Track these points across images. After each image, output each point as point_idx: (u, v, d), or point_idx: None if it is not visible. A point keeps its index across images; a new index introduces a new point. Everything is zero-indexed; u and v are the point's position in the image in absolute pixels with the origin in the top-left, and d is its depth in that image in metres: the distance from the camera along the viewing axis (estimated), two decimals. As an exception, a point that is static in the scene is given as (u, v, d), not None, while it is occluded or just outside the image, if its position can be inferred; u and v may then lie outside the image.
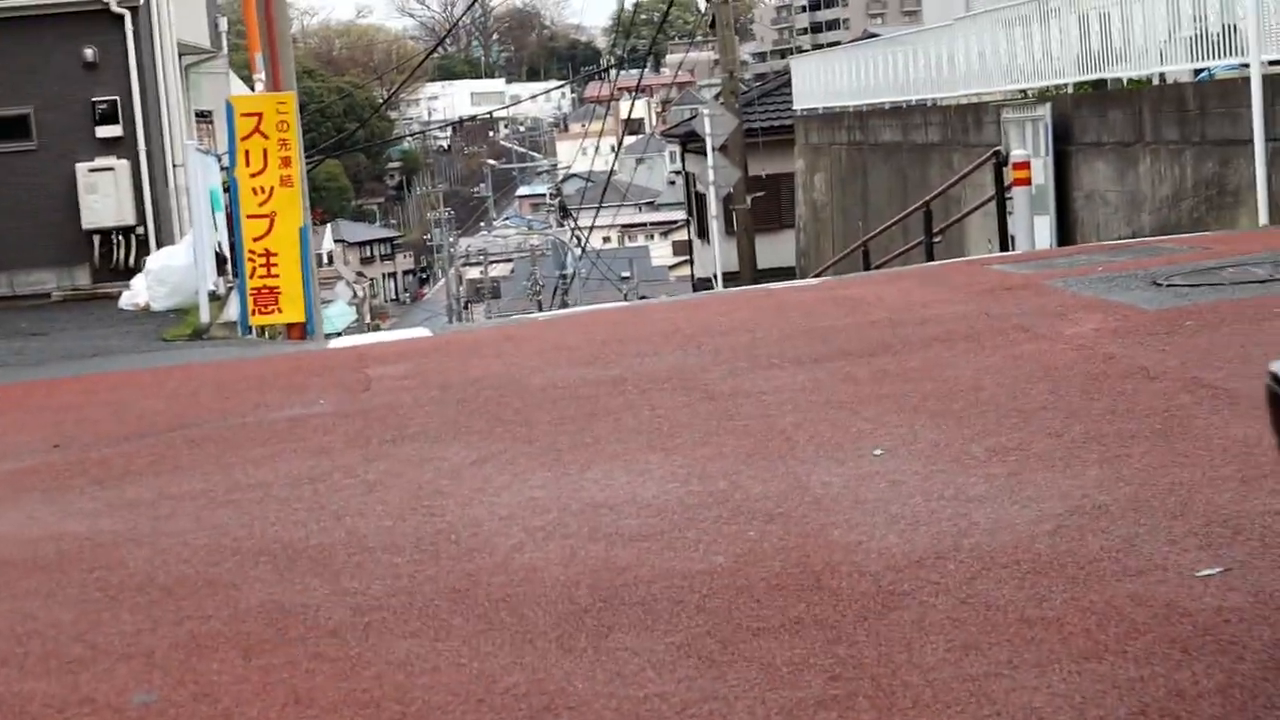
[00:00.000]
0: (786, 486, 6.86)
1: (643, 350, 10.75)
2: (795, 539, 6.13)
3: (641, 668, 5.00)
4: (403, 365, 11.42)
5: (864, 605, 5.37)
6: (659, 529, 6.43)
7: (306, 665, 5.24)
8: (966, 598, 5.34)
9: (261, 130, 16.79)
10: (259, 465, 8.24)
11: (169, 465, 8.51)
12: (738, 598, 5.54)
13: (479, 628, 5.47)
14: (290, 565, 6.38)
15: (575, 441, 8.04)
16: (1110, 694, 4.53)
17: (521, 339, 12.30)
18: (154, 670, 5.31)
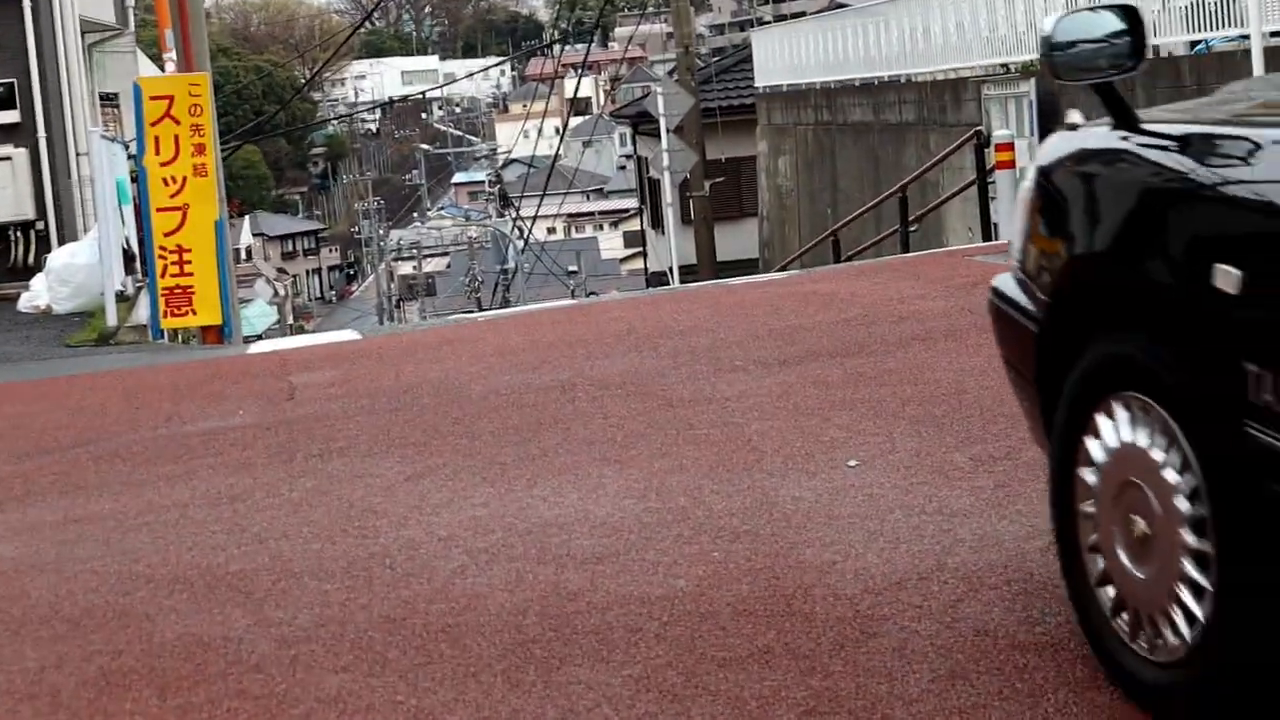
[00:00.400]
0: (753, 502, 6.83)
1: (593, 353, 10.75)
2: (764, 559, 6.10)
3: (596, 703, 4.98)
4: (330, 371, 11.40)
5: (840, 632, 5.35)
6: (614, 550, 6.39)
7: (228, 704, 5.20)
8: (952, 622, 5.33)
9: (172, 115, 16.77)
10: (173, 483, 8.20)
11: (75, 484, 8.48)
12: (701, 625, 5.50)
13: (417, 660, 5.43)
14: (209, 594, 6.32)
15: (521, 454, 8.01)
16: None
17: (460, 341, 12.29)
18: (60, 711, 5.27)
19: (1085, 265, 5.39)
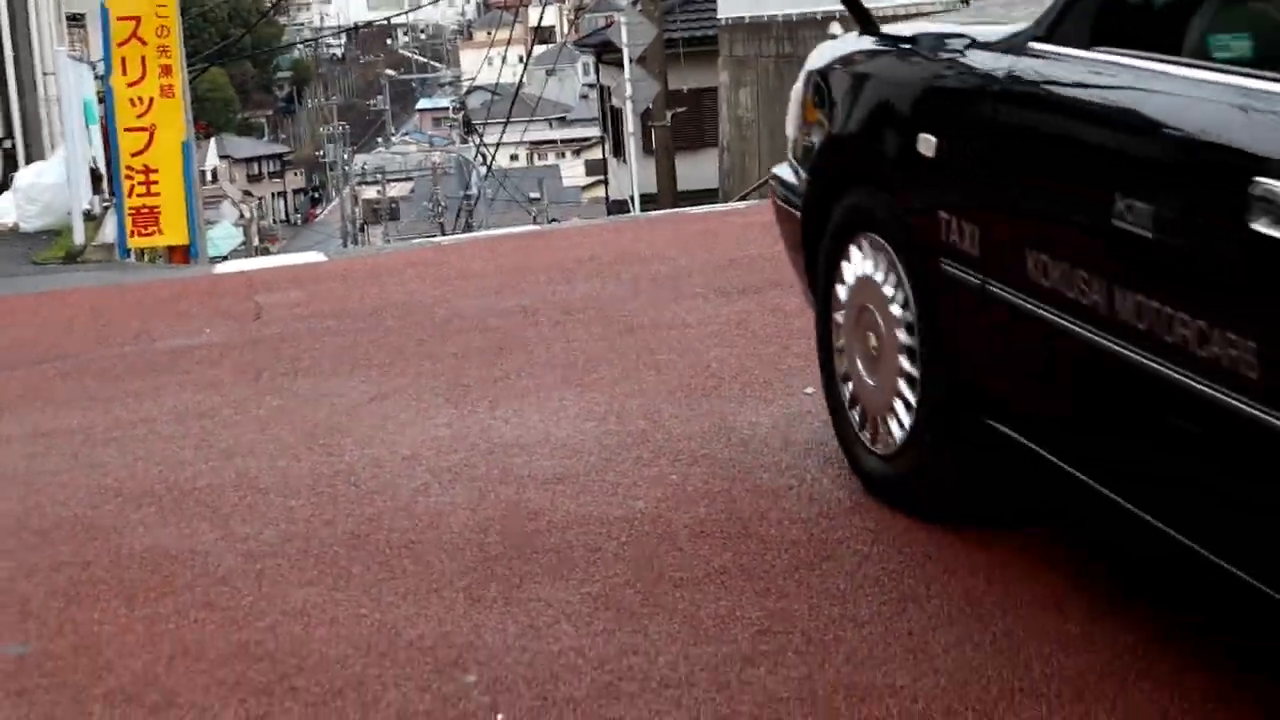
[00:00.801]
0: (711, 426, 6.87)
1: (555, 278, 10.75)
2: (721, 483, 6.16)
3: (556, 619, 5.03)
4: (295, 292, 11.38)
5: (795, 555, 5.41)
6: (574, 471, 6.43)
7: (195, 615, 5.24)
8: (904, 546, 5.39)
9: (139, 35, 16.71)
10: (141, 400, 8.20)
11: (42, 399, 8.47)
12: (659, 545, 5.57)
13: (380, 576, 5.47)
14: (176, 508, 6.35)
15: (484, 376, 8.03)
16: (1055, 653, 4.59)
17: (424, 265, 12.25)
18: (29, 620, 5.31)
19: (838, 141, 6.67)
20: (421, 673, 4.72)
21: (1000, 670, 4.52)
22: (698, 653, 4.74)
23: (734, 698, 4.46)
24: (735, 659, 4.69)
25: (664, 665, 4.68)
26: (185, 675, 4.82)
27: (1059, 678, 4.46)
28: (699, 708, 4.41)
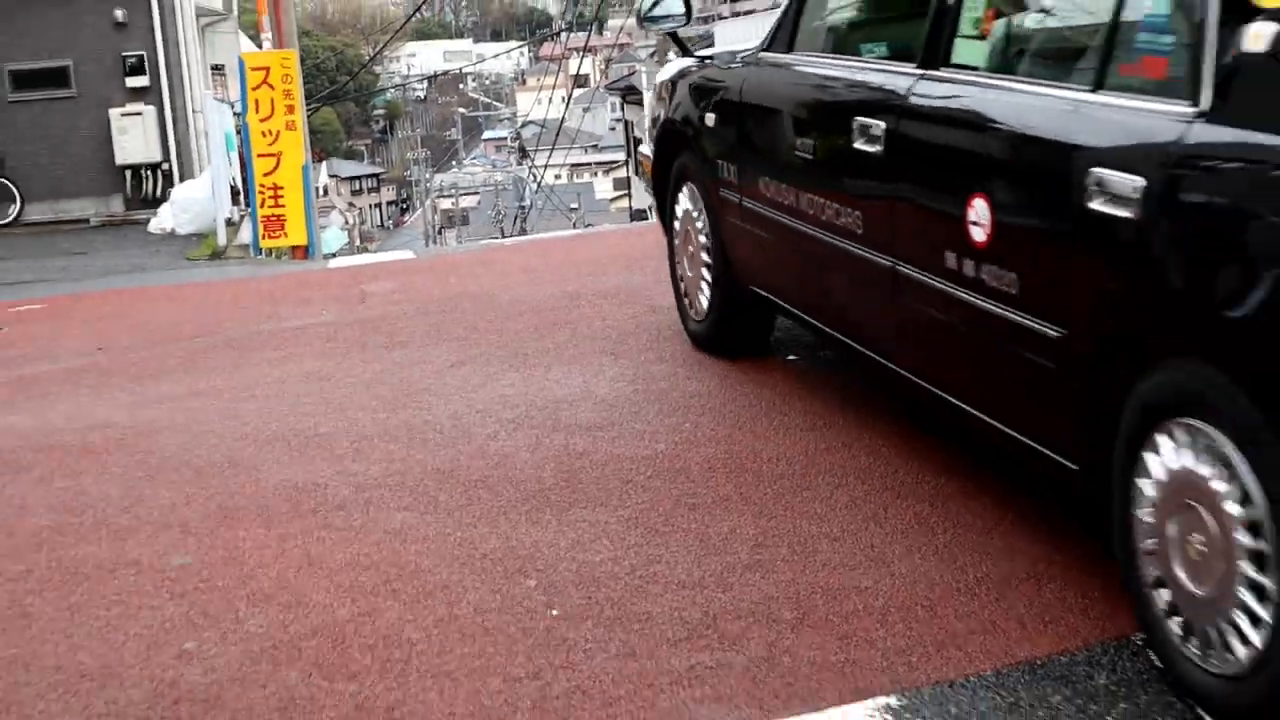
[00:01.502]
0: (716, 385, 6.89)
1: (592, 271, 10.72)
2: (725, 430, 6.19)
3: (597, 536, 5.07)
4: (391, 282, 11.39)
5: (781, 485, 5.45)
6: (611, 421, 6.45)
7: (317, 534, 5.30)
8: (867, 479, 5.42)
9: (269, 82, 16.76)
10: (273, 366, 8.23)
11: (197, 366, 8.50)
12: (676, 478, 5.61)
13: (460, 503, 5.52)
14: (302, 450, 6.39)
15: (539, 348, 8.03)
16: (990, 558, 4.61)
17: (490, 261, 12.25)
18: (189, 538, 5.37)
19: (670, 123, 8.16)
20: (493, 578, 4.77)
21: (942, 574, 4.55)
22: (707, 562, 4.78)
23: (736, 597, 4.51)
24: (736, 567, 4.73)
25: (681, 571, 4.72)
26: (310, 581, 4.87)
27: (987, 580, 4.49)
28: (709, 604, 4.46)
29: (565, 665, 4.15)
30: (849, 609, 4.37)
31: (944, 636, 4.17)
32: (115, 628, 4.62)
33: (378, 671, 4.18)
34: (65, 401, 7.85)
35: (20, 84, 26.35)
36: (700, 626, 4.33)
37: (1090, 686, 3.86)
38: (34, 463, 6.55)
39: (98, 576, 5.04)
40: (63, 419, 7.41)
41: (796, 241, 6.37)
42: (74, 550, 5.32)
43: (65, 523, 5.65)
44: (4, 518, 5.78)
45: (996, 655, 4.05)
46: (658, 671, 4.08)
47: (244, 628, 4.54)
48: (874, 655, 4.09)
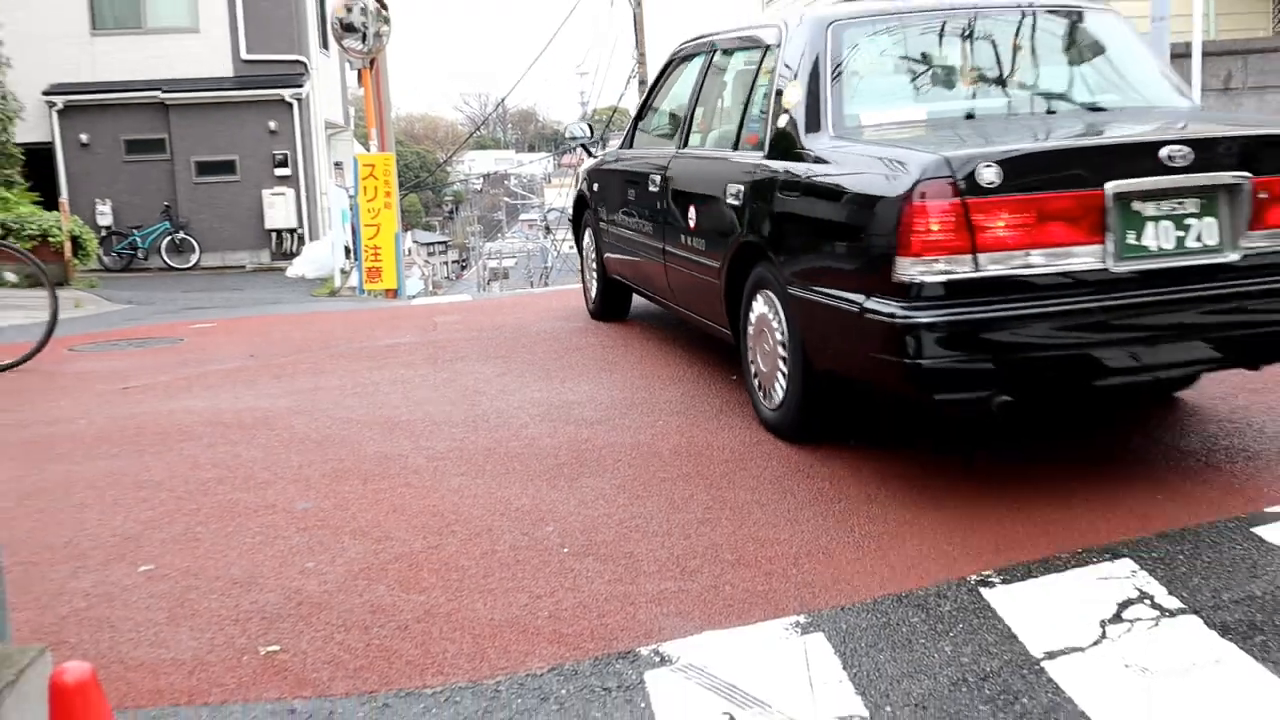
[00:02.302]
0: (684, 395, 6.85)
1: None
2: (689, 427, 6.15)
3: (596, 498, 5.06)
4: (455, 316, 11.36)
5: (727, 466, 5.43)
6: (607, 418, 6.42)
7: (400, 489, 5.29)
8: (786, 462, 5.41)
9: (374, 175, 16.73)
10: (370, 372, 8.20)
11: (317, 369, 8.47)
12: (652, 459, 5.59)
13: (501, 471, 5.50)
14: (390, 431, 6.37)
15: (558, 365, 7.98)
16: (873, 521, 4.60)
17: (524, 304, 12.17)
18: (310, 490, 5.37)
19: (579, 191, 9.84)
20: (522, 525, 4.77)
21: (837, 531, 4.54)
22: (674, 517, 4.77)
23: (693, 543, 4.50)
24: (694, 521, 4.72)
25: (654, 523, 4.71)
26: (394, 522, 4.86)
27: (869, 536, 4.48)
28: (674, 547, 4.45)
29: (572, 588, 4.15)
30: (771, 554, 4.36)
31: (838, 575, 4.17)
32: (258, 550, 4.62)
33: (440, 588, 4.18)
34: (226, 391, 7.84)
35: (202, 171, 26.61)
36: (668, 563, 4.32)
37: (938, 611, 3.85)
38: (204, 434, 6.55)
39: (246, 514, 5.05)
40: (224, 404, 7.40)
41: (627, 243, 8.33)
42: (230, 495, 5.33)
43: (224, 476, 5.66)
44: (182, 471, 5.78)
45: (874, 588, 4.04)
46: (638, 594, 4.08)
47: (347, 554, 4.54)
48: (788, 587, 4.09)
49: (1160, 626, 3.73)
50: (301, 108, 26.81)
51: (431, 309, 12.60)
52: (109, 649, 3.82)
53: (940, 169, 4.60)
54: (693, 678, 3.53)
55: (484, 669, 3.62)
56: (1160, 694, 3.35)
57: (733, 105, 6.98)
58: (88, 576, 4.42)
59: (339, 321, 11.85)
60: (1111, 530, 4.42)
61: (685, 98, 7.68)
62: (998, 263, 4.60)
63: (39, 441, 6.61)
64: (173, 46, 26.63)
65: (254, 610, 4.05)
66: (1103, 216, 4.66)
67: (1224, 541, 4.29)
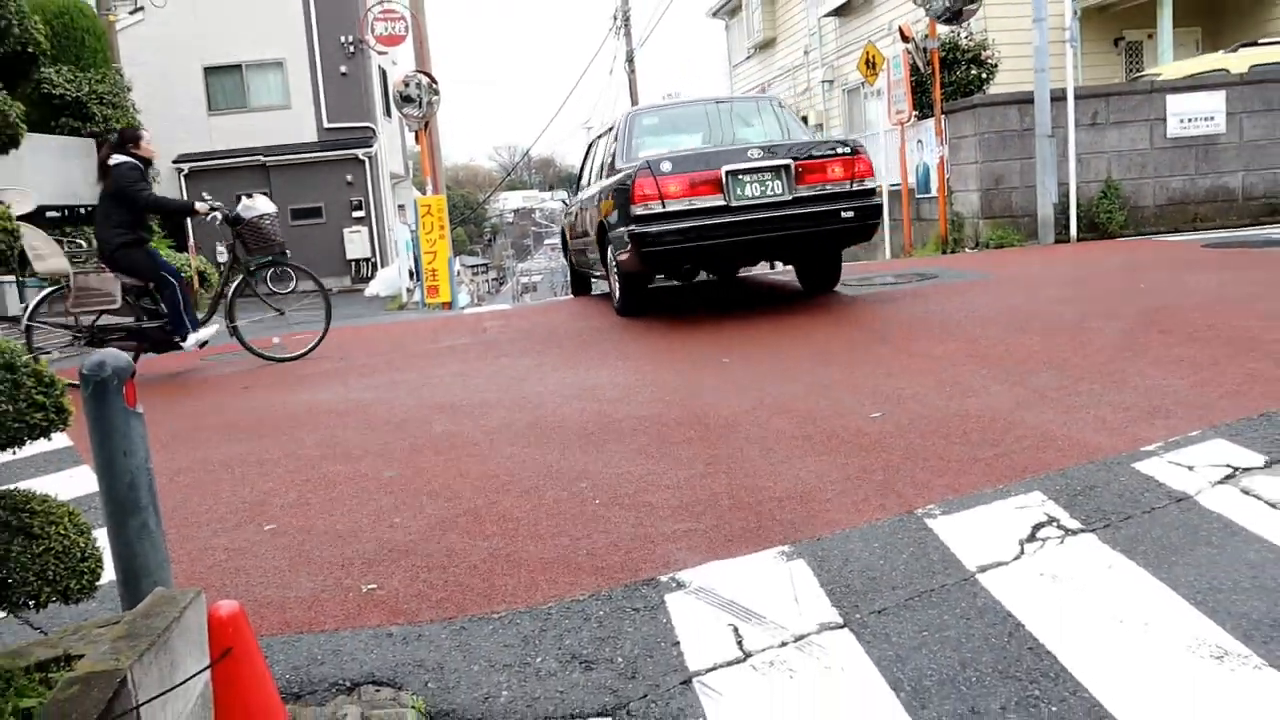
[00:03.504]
0: (682, 379, 6.78)
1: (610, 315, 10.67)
2: (688, 401, 6.08)
3: (619, 459, 4.98)
4: (498, 321, 11.27)
5: (720, 431, 5.35)
6: (623, 397, 6.34)
7: (464, 459, 5.21)
8: (767, 427, 5.34)
9: (431, 213, 16.62)
10: (435, 367, 8.15)
11: (395, 367, 8.42)
12: (662, 428, 5.50)
13: (543, 441, 5.43)
14: (454, 413, 6.30)
15: (582, 356, 7.93)
16: (835, 469, 4.54)
17: (553, 309, 12.11)
18: (394, 461, 5.29)
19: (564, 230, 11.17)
20: (562, 482, 4.69)
21: (815, 479, 4.46)
22: (679, 472, 4.70)
23: (697, 492, 4.43)
24: (696, 475, 4.65)
25: (665, 478, 4.65)
26: (461, 484, 4.79)
27: (840, 480, 4.41)
28: (683, 497, 4.38)
29: (603, 531, 4.08)
30: (760, 499, 4.30)
31: (814, 512, 4.11)
32: (355, 510, 4.55)
33: (499, 535, 4.12)
34: (323, 387, 7.78)
35: (296, 216, 26.61)
36: (679, 509, 4.26)
37: (897, 541, 3.80)
38: (307, 420, 6.49)
39: (344, 482, 4.99)
40: (322, 397, 7.34)
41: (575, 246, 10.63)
42: (331, 468, 5.27)
43: (326, 453, 5.59)
44: (292, 450, 5.72)
45: (843, 524, 3.98)
46: (656, 534, 4.02)
47: (425, 511, 4.47)
48: (774, 524, 4.03)
49: (1065, 544, 3.69)
50: (371, 163, 26.82)
51: (480, 316, 12.51)
52: (245, 591, 3.77)
53: (643, 165, 8.39)
54: (703, 598, 3.48)
55: (538, 597, 3.57)
56: (1067, 594, 3.31)
57: (603, 157, 10.05)
58: (226, 535, 4.38)
59: (407, 329, 11.78)
60: (1025, 469, 4.37)
61: (589, 162, 10.92)
62: (673, 203, 8.21)
63: (182, 432, 6.56)
64: (270, 120, 26.78)
65: (355, 557, 4.00)
66: (721, 182, 8.31)
67: (1112, 476, 4.25)
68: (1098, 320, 7.43)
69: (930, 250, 15.13)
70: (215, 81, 27.18)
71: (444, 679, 3.11)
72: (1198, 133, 14.46)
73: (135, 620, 2.29)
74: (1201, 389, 5.38)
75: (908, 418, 5.28)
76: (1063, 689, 2.83)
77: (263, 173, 26.65)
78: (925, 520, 3.94)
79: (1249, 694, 2.76)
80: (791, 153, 8.47)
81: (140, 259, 8.49)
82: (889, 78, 15.73)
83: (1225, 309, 7.36)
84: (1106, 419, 5.00)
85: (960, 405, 5.44)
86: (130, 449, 2.71)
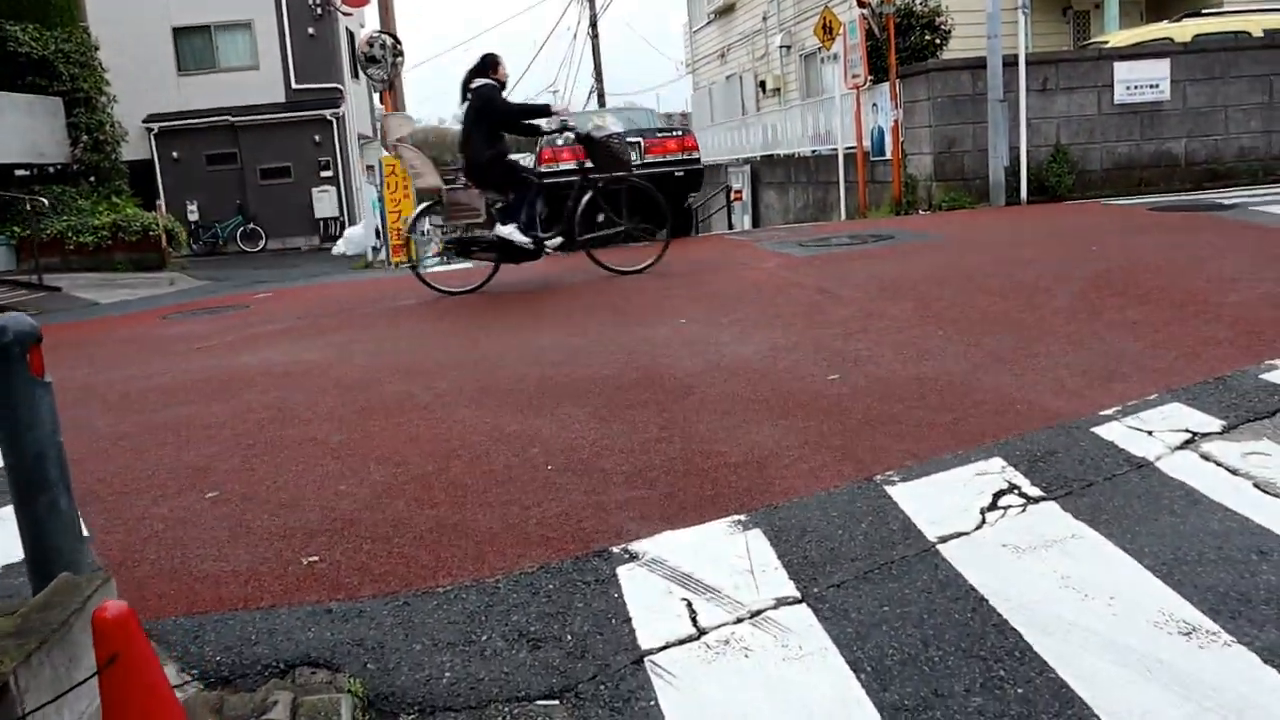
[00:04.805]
0: (637, 338, 6.48)
1: (568, 271, 10.35)
2: (644, 362, 5.77)
3: (572, 423, 4.69)
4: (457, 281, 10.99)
5: (675, 393, 5.06)
6: (575, 358, 6.03)
7: (415, 423, 4.89)
8: (723, 390, 5.07)
9: (395, 173, 16.18)
10: (391, 328, 7.82)
11: (350, 326, 8.07)
12: (617, 390, 5.20)
13: (495, 405, 5.10)
14: (405, 375, 5.95)
15: (545, 319, 7.64)
16: (792, 434, 4.29)
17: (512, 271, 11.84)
18: (343, 426, 4.96)
19: None
20: (513, 448, 4.39)
21: (769, 446, 4.21)
22: (635, 437, 4.42)
23: (651, 458, 4.16)
24: (650, 440, 4.37)
25: (619, 442, 4.37)
26: (410, 449, 4.49)
27: (793, 448, 4.16)
28: (637, 462, 4.11)
29: (555, 499, 3.81)
30: (714, 465, 4.04)
31: (771, 479, 3.86)
32: (302, 476, 4.24)
33: (448, 503, 3.83)
34: (278, 348, 7.40)
35: (265, 175, 26.09)
36: (632, 475, 3.99)
37: (856, 509, 3.56)
38: (258, 382, 6.13)
39: (292, 447, 4.66)
40: (275, 357, 6.98)
41: None
42: (279, 432, 4.93)
43: (274, 416, 5.24)
44: (240, 412, 5.38)
45: (800, 491, 3.74)
46: (609, 502, 3.75)
47: (372, 477, 4.16)
48: (729, 492, 3.77)
49: (1027, 512, 3.47)
50: (339, 124, 26.22)
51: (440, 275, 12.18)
52: (181, 565, 3.47)
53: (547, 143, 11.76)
54: (656, 570, 3.23)
55: (485, 569, 3.30)
56: (1030, 566, 3.09)
57: None
58: (166, 503, 4.05)
59: (369, 289, 11.43)
60: (984, 433, 4.14)
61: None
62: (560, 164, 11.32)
63: (131, 394, 6.19)
64: (239, 81, 26.17)
65: (298, 527, 3.69)
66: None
67: (1072, 441, 4.03)
68: (1050, 281, 7.22)
69: (885, 212, 14.88)
70: (184, 42, 26.44)
71: (384, 659, 2.84)
72: (1143, 99, 14.27)
73: (29, 614, 2.00)
74: (1156, 351, 5.18)
75: (865, 380, 5.03)
76: (1029, 669, 2.60)
77: (231, 133, 25.98)
78: (884, 487, 3.71)
79: (1218, 671, 2.54)
80: (642, 134, 13.08)
81: (503, 169, 8.84)
82: (845, 43, 15.41)
83: (1174, 272, 7.16)
84: (1065, 382, 4.79)
85: (918, 368, 5.20)
86: (35, 421, 2.40)
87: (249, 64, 26.48)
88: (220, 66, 26.45)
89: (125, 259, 17.67)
